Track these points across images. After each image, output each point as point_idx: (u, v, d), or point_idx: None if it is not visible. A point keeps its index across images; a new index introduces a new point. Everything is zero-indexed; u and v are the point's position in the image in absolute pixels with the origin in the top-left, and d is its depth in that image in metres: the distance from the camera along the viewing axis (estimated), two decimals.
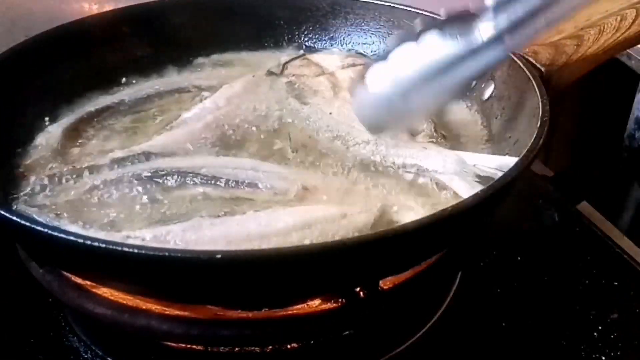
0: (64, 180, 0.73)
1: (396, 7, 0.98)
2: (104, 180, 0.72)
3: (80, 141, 0.81)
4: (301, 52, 1.00)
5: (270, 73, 0.93)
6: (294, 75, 0.93)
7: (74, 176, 0.73)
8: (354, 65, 0.94)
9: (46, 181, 0.73)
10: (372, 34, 1.01)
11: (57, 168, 0.76)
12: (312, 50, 1.02)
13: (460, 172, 0.73)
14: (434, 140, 0.80)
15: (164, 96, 0.90)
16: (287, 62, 0.96)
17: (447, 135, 0.82)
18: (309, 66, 0.95)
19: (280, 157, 0.78)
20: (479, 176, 0.73)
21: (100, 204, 0.70)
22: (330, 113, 0.83)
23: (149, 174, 0.72)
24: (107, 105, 0.87)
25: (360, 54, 1.01)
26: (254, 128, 0.82)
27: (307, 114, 0.84)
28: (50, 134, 0.81)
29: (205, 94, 0.89)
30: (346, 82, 0.91)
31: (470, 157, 0.75)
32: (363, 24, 1.01)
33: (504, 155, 0.78)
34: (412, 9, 0.97)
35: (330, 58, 0.97)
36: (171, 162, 0.74)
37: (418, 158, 0.76)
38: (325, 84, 0.90)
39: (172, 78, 0.95)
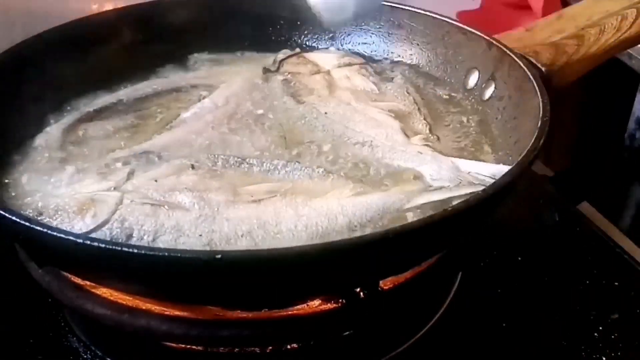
0: (63, 181, 0.73)
1: (396, 7, 0.98)
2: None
3: (80, 141, 0.81)
4: (297, 49, 1.00)
5: (266, 70, 0.93)
6: (289, 73, 0.92)
7: (74, 177, 0.73)
8: (350, 64, 0.94)
9: (46, 181, 0.73)
10: (373, 34, 1.01)
11: (57, 168, 0.76)
12: (312, 50, 1.01)
13: (454, 179, 0.72)
14: (430, 143, 0.79)
15: (163, 95, 0.90)
16: (282, 59, 0.95)
17: (441, 138, 0.81)
18: (305, 64, 0.94)
19: (275, 157, 0.77)
20: (472, 184, 0.72)
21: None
22: (326, 113, 0.83)
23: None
24: (107, 105, 0.87)
25: (359, 54, 1.00)
26: (251, 127, 0.82)
27: (302, 113, 0.84)
28: (50, 134, 0.81)
29: (203, 93, 0.89)
30: (342, 81, 0.90)
31: (465, 164, 0.74)
32: (363, 24, 1.01)
33: (505, 155, 0.78)
34: (413, 9, 0.97)
35: (326, 57, 0.97)
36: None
37: (413, 162, 0.75)
38: (322, 82, 0.90)
39: (171, 77, 0.95)
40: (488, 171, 0.72)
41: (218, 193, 0.68)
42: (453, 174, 0.73)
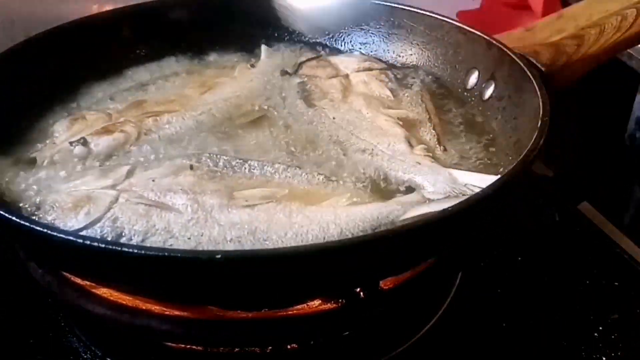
0: (63, 178, 0.73)
1: (396, 7, 0.98)
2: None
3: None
4: (322, 52, 0.98)
5: (284, 72, 0.93)
6: (306, 76, 0.92)
7: (75, 174, 0.73)
8: (369, 69, 0.93)
9: (49, 177, 0.73)
10: (372, 34, 1.00)
11: (59, 163, 0.76)
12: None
13: (450, 192, 0.71)
14: (431, 153, 0.77)
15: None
16: (303, 62, 0.95)
17: (447, 149, 0.79)
18: (324, 67, 0.93)
19: (277, 159, 0.77)
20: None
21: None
22: (334, 118, 0.82)
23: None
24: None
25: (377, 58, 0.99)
26: (257, 127, 0.83)
27: (311, 117, 0.84)
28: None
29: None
30: (359, 86, 0.90)
31: (462, 175, 0.73)
32: (363, 24, 1.01)
33: (505, 155, 0.78)
34: (413, 9, 0.97)
35: (348, 60, 0.95)
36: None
37: (411, 173, 0.74)
38: (337, 87, 0.89)
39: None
40: (485, 183, 0.71)
41: (213, 196, 0.68)
42: (449, 186, 0.71)
